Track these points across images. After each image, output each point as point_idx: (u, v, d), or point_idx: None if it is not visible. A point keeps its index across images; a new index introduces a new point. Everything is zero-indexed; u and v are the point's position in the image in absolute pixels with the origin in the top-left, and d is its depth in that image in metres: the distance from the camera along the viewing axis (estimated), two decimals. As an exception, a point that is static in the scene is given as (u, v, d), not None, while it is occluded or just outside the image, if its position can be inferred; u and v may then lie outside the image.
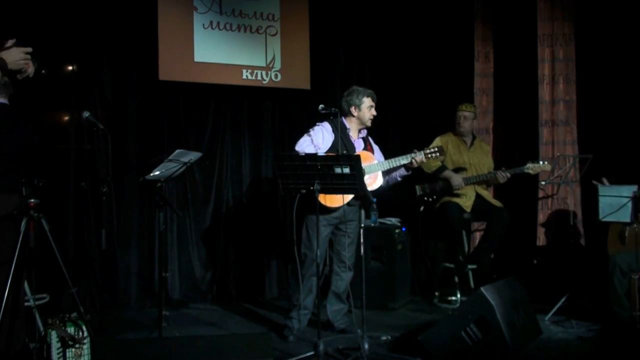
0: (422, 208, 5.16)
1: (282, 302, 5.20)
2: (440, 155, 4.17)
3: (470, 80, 5.68)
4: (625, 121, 5.17)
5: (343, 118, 4.13)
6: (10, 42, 2.73)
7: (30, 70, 2.80)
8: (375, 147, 4.30)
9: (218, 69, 5.35)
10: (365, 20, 6.05)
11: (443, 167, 5.11)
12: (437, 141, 5.22)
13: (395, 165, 4.10)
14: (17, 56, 2.70)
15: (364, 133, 4.23)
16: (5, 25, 4.58)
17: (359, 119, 4.12)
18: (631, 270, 3.95)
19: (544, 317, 4.41)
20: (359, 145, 4.15)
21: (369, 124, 4.13)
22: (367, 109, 4.10)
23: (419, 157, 4.06)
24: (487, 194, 5.20)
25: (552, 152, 5.23)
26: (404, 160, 4.07)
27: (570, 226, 5.14)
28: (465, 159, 5.19)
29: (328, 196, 3.82)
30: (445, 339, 3.42)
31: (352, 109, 4.12)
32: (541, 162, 4.97)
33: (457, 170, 5.12)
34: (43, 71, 2.92)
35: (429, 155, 4.11)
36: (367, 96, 4.11)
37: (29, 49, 2.72)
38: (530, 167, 4.93)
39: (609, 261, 4.07)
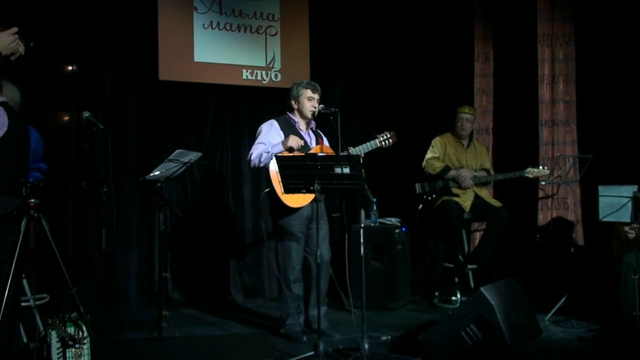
0: (420, 206, 5.16)
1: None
2: (392, 140, 4.11)
3: (470, 80, 5.68)
4: (625, 121, 5.17)
5: (289, 113, 4.16)
6: None
7: (22, 49, 2.78)
8: (324, 139, 4.23)
9: (218, 69, 5.35)
10: (365, 20, 6.05)
11: (447, 168, 5.11)
12: (436, 143, 5.22)
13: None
14: (6, 40, 2.68)
15: (313, 125, 4.19)
16: (4, 25, 4.57)
17: (300, 111, 4.11)
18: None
19: (544, 317, 4.41)
20: (310, 139, 4.13)
21: (309, 115, 4.07)
22: (306, 100, 4.07)
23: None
24: (486, 194, 5.21)
25: (552, 152, 5.23)
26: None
27: (570, 226, 5.15)
28: (463, 160, 5.20)
29: (291, 196, 3.73)
30: (445, 339, 3.41)
31: (293, 102, 4.13)
32: (541, 167, 4.97)
33: (458, 170, 5.13)
34: (32, 44, 2.88)
35: (383, 143, 4.07)
36: (306, 87, 4.09)
37: (15, 29, 2.70)
38: (530, 172, 4.94)
39: (618, 264, 4.03)
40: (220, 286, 5.40)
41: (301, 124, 4.14)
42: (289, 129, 4.07)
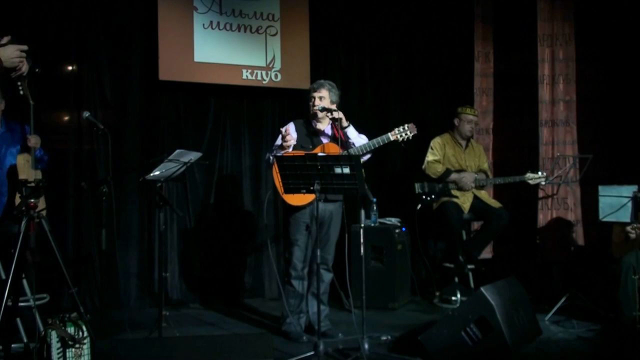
0: (419, 206, 5.15)
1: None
2: (410, 132, 4.02)
3: (470, 80, 5.68)
4: (625, 121, 5.17)
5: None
6: (5, 39, 2.71)
7: (25, 68, 2.78)
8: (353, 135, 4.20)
9: (218, 69, 5.35)
10: (365, 20, 6.05)
11: (449, 171, 5.10)
12: (435, 144, 5.21)
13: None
14: (12, 54, 2.68)
15: (330, 123, 4.19)
16: (4, 25, 4.58)
17: (311, 112, 4.16)
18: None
19: (544, 317, 4.41)
20: (326, 138, 4.16)
21: (312, 112, 4.12)
22: (310, 101, 4.14)
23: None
24: (485, 194, 5.21)
25: (552, 152, 5.23)
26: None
27: (570, 226, 5.15)
28: (462, 162, 5.19)
29: (294, 195, 3.78)
30: (445, 339, 3.41)
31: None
32: (540, 173, 4.97)
33: (458, 172, 5.12)
34: (37, 70, 2.89)
35: (399, 136, 4.02)
36: (309, 90, 4.19)
37: (25, 47, 2.71)
38: (530, 177, 4.94)
39: (618, 264, 4.03)
40: (221, 286, 5.39)
41: (317, 124, 4.16)
42: (304, 129, 4.13)
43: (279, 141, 4.09)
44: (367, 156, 4.08)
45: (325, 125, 4.18)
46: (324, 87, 4.13)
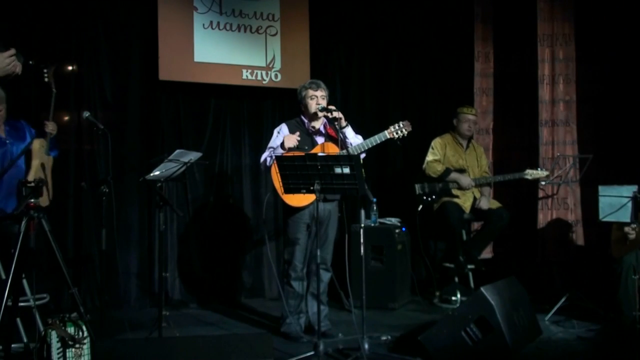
0: (420, 207, 5.15)
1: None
2: (406, 129, 3.99)
3: (470, 80, 5.68)
4: (625, 121, 5.17)
5: (301, 115, 4.19)
6: None
7: (19, 69, 2.78)
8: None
9: (218, 69, 5.35)
10: (366, 20, 6.05)
11: (448, 170, 5.10)
12: (436, 144, 5.20)
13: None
14: (3, 63, 2.67)
15: (324, 122, 4.20)
16: (4, 25, 4.58)
17: (307, 112, 4.13)
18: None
19: (544, 317, 4.41)
20: (321, 137, 4.15)
21: (313, 110, 4.06)
22: (309, 99, 4.09)
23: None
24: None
25: (552, 152, 5.23)
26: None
27: (570, 226, 5.15)
28: (462, 162, 5.19)
29: (294, 195, 3.77)
30: (445, 339, 3.41)
31: (301, 106, 4.18)
32: (539, 169, 4.97)
33: (459, 172, 5.12)
34: (30, 62, 2.88)
35: (394, 134, 3.99)
36: (307, 88, 4.13)
37: (12, 51, 2.69)
38: (529, 173, 4.94)
39: (618, 264, 4.02)
40: (221, 286, 5.39)
41: (312, 124, 4.15)
42: (300, 130, 4.10)
43: (275, 142, 4.07)
44: (362, 155, 4.07)
45: (319, 124, 4.18)
46: (322, 86, 4.12)
